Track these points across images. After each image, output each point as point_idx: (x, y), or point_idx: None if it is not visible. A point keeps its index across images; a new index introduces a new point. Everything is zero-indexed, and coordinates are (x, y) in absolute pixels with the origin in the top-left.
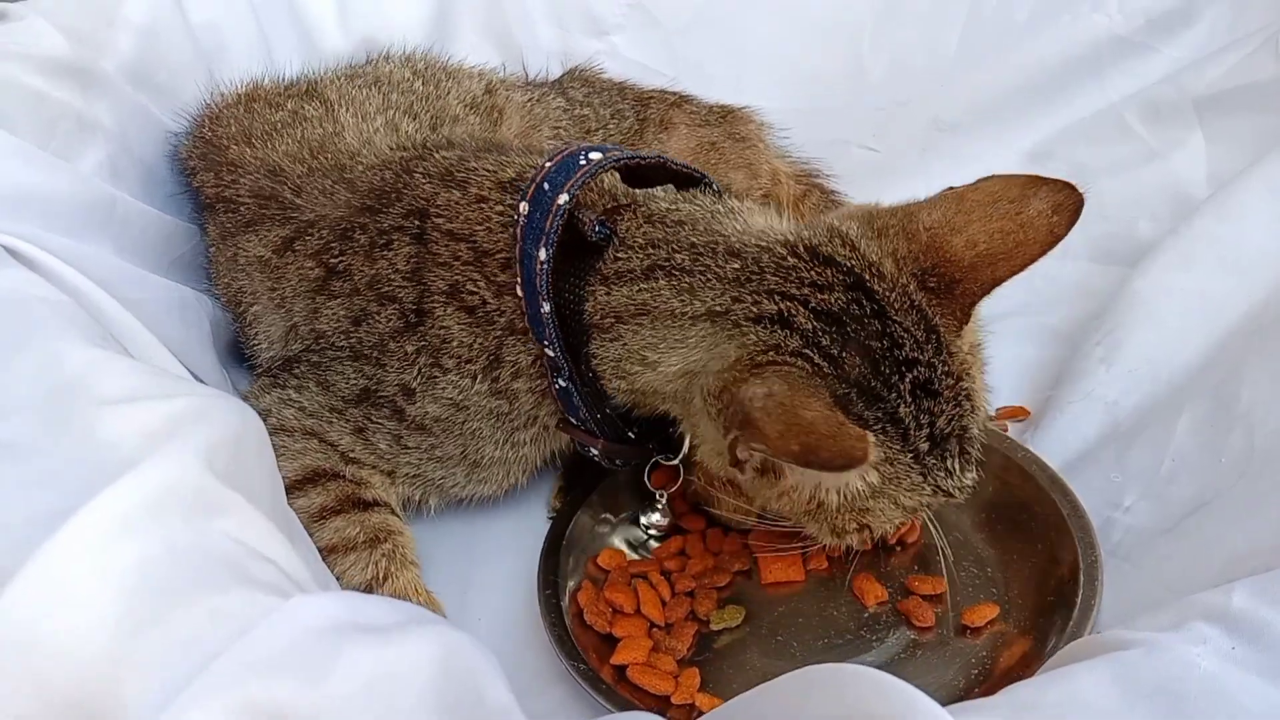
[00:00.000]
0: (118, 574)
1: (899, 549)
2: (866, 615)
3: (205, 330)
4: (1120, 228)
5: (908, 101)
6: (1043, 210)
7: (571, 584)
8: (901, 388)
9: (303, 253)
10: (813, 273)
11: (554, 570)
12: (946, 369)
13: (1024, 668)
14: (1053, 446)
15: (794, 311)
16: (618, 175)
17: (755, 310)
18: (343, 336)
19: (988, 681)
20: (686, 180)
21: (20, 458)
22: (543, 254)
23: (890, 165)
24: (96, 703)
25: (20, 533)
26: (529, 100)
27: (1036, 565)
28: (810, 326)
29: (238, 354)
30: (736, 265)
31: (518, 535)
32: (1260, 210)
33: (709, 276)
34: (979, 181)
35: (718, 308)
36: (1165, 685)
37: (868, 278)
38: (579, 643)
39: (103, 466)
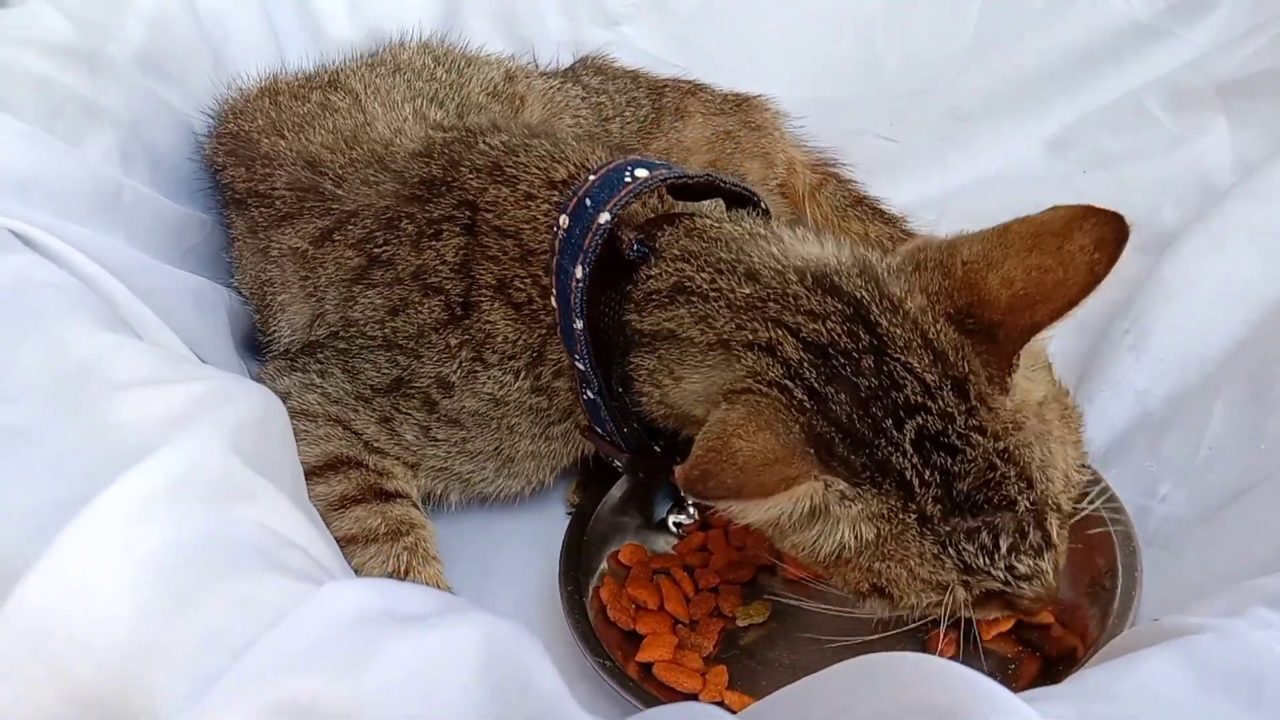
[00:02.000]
0: (140, 562)
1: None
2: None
3: (222, 320)
4: (1143, 216)
5: (924, 90)
6: (1085, 245)
7: (593, 580)
8: (897, 435)
9: (343, 242)
10: (813, 301)
11: (575, 566)
12: (973, 422)
13: (1062, 662)
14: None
15: (782, 340)
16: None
17: (750, 337)
18: (376, 326)
19: (1025, 676)
20: (735, 198)
21: (29, 444)
22: (579, 272)
23: (907, 154)
24: (121, 696)
25: (32, 522)
26: (549, 88)
27: (1072, 558)
28: (797, 357)
29: (255, 347)
30: (747, 291)
31: (536, 532)
32: None
33: (721, 304)
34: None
35: (724, 335)
36: (1242, 671)
37: (874, 310)
38: (603, 640)
39: (117, 452)
